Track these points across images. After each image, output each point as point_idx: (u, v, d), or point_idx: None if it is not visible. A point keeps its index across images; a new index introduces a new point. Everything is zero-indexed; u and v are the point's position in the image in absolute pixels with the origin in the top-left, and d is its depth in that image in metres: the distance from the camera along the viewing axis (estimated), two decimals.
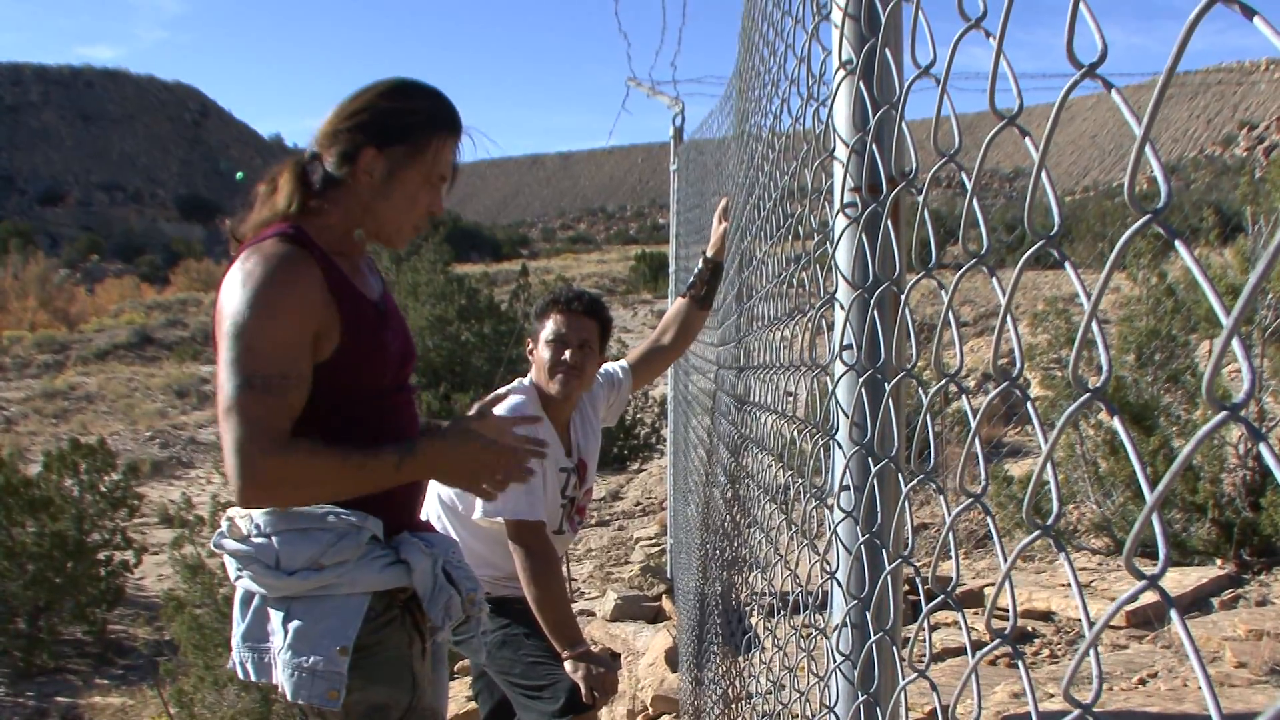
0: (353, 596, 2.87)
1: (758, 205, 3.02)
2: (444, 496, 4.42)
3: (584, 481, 4.65)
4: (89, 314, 52.41)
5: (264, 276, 2.74)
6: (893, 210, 1.53)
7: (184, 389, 34.37)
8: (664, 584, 9.49)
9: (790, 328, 2.29)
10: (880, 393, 1.55)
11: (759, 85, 3.08)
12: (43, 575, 14.14)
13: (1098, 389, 0.99)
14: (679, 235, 9.37)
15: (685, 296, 5.01)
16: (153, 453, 27.23)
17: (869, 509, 1.57)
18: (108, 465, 15.75)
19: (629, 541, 12.60)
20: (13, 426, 31.59)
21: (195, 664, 10.31)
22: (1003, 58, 1.15)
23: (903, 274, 1.51)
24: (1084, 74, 0.98)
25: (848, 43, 1.62)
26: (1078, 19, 0.96)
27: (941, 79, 1.29)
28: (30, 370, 39.54)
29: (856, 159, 1.61)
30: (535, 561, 4.16)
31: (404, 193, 2.96)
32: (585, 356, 4.48)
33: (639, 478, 17.65)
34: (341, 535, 2.85)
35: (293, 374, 2.73)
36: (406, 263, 23.93)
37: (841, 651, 1.65)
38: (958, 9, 1.22)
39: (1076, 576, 1.08)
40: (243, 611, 2.96)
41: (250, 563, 2.87)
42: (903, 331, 1.46)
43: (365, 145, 2.91)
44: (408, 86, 3.01)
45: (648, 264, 46.86)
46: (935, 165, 1.32)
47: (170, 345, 41.99)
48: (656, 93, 9.83)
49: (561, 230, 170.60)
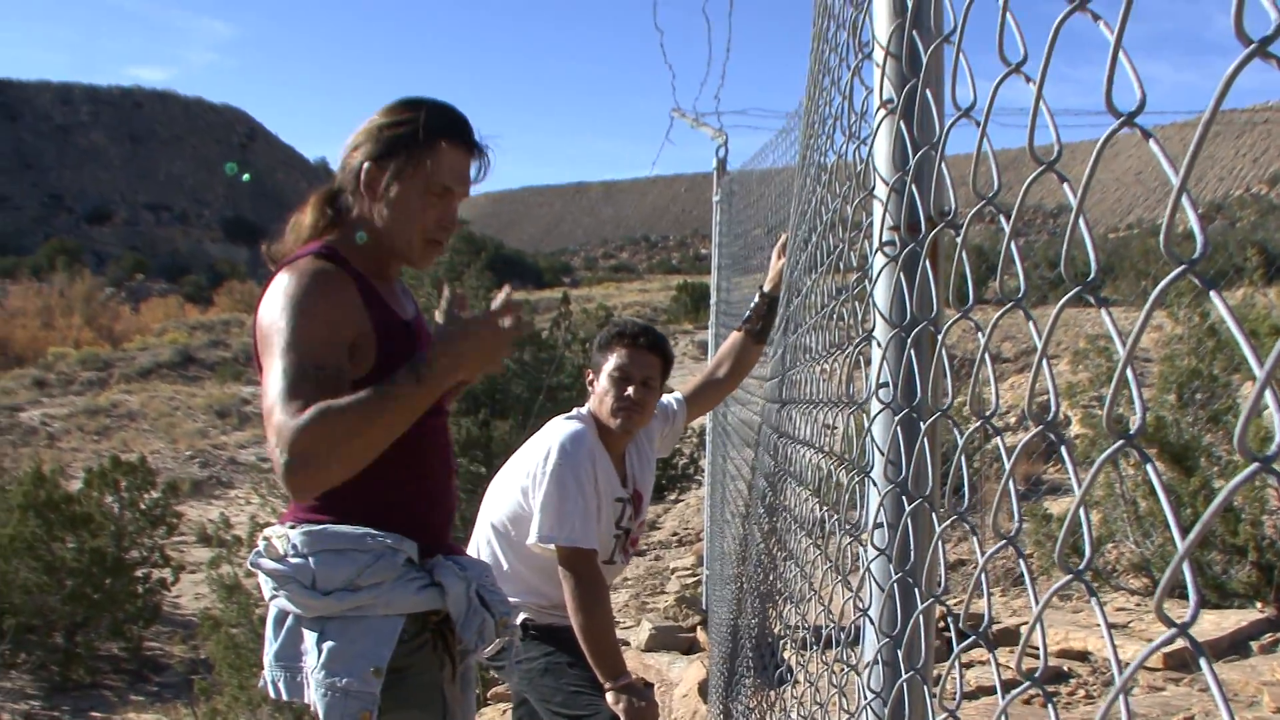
0: (387, 618, 2.89)
1: (805, 239, 3.03)
2: (496, 522, 4.41)
3: (639, 513, 4.63)
4: (133, 332, 52.80)
5: (301, 287, 2.78)
6: (931, 250, 1.53)
7: (225, 409, 34.54)
8: (699, 615, 9.47)
9: (830, 363, 2.29)
10: (916, 432, 1.55)
11: (819, 121, 3.09)
12: (81, 591, 14.22)
13: (1130, 435, 0.98)
14: (721, 266, 9.38)
15: (741, 330, 5.01)
16: (193, 472, 27.37)
17: (902, 547, 1.57)
18: (148, 483, 15.84)
19: (665, 571, 12.57)
20: (55, 442, 31.82)
21: (229, 683, 10.35)
22: (1042, 102, 1.16)
23: (940, 313, 1.52)
24: (1122, 123, 0.98)
25: (889, 82, 1.63)
26: (1117, 66, 0.97)
27: (982, 121, 1.29)
28: (74, 387, 39.82)
29: (896, 198, 1.61)
30: (584, 589, 4.13)
31: (404, 205, 2.98)
32: (647, 393, 4.46)
33: (676, 508, 17.60)
34: (378, 557, 2.87)
35: (329, 366, 2.73)
36: (448, 287, 23.99)
37: (873, 689, 1.64)
38: (999, 53, 1.22)
39: (1107, 620, 1.07)
40: (276, 630, 2.97)
41: (287, 582, 2.89)
42: (939, 371, 1.46)
43: (364, 162, 2.96)
44: (408, 103, 3.04)
45: (689, 294, 46.84)
46: (975, 207, 1.32)
47: (212, 365, 42.21)
48: (700, 124, 9.84)
49: (604, 259, 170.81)
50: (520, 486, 4.31)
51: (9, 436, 32.34)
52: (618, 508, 4.48)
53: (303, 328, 2.73)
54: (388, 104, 3.05)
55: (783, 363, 3.79)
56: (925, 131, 1.54)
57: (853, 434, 1.92)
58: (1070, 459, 1.17)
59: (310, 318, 2.75)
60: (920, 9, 1.57)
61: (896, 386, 1.59)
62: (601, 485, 4.34)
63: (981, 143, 1.29)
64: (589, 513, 4.19)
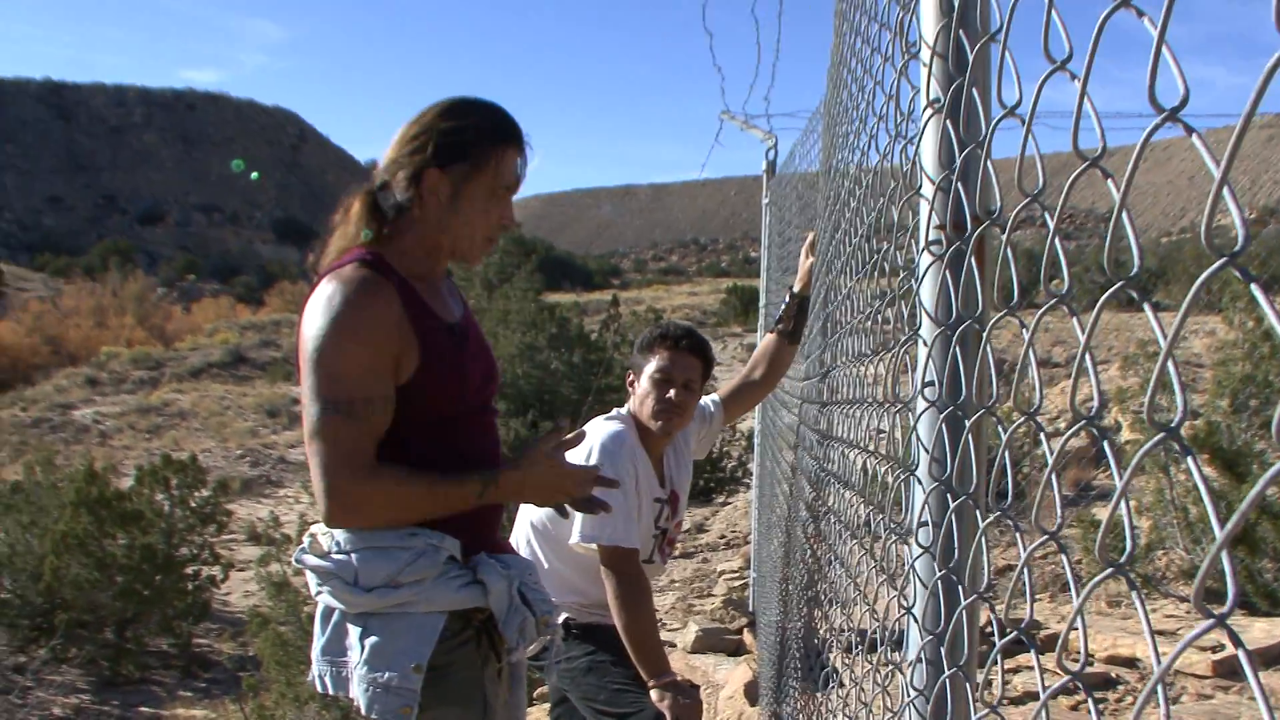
0: (429, 615, 2.91)
1: (844, 240, 3.03)
2: (536, 521, 4.43)
3: (676, 513, 4.65)
4: (184, 332, 53.17)
5: (342, 302, 2.81)
6: (977, 248, 1.53)
7: (275, 409, 34.71)
8: (746, 617, 9.46)
9: (875, 364, 2.30)
10: (960, 429, 1.56)
11: (845, 121, 3.09)
12: (131, 587, 14.28)
13: (1172, 428, 0.99)
14: (769, 269, 9.36)
15: (774, 332, 5.01)
16: (243, 470, 27.50)
17: (946, 545, 1.57)
18: (198, 481, 15.92)
19: (712, 574, 12.56)
20: (107, 440, 32.09)
21: (277, 680, 10.39)
22: (1087, 99, 1.16)
23: (986, 312, 1.52)
24: (1164, 118, 0.98)
25: (935, 81, 1.63)
26: (1160, 62, 0.97)
27: (1027, 119, 1.29)
28: (126, 386, 40.13)
29: (942, 197, 1.61)
30: (627, 588, 4.16)
31: (472, 208, 3.01)
32: (688, 396, 4.48)
33: (724, 510, 17.57)
34: (420, 554, 2.89)
35: (376, 397, 2.80)
36: (498, 290, 24.04)
37: (915, 687, 1.65)
38: (1043, 51, 1.22)
39: (1148, 617, 1.08)
40: (323, 626, 3.01)
41: (330, 579, 2.92)
42: (984, 369, 1.47)
43: (427, 167, 2.97)
44: (462, 104, 3.06)
45: (739, 297, 46.74)
46: (1019, 205, 1.32)
47: (263, 365, 42.43)
48: (749, 126, 9.83)
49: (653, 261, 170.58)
50: None
51: (62, 434, 32.63)
52: (656, 508, 4.49)
53: (348, 354, 2.78)
54: (438, 106, 3.05)
55: (821, 364, 3.79)
56: (971, 130, 1.55)
57: (898, 434, 1.93)
58: (1112, 453, 1.18)
59: (354, 339, 2.79)
60: (966, 8, 1.57)
61: (941, 385, 1.59)
62: (642, 485, 4.36)
63: (1026, 141, 1.29)
64: (630, 512, 4.22)
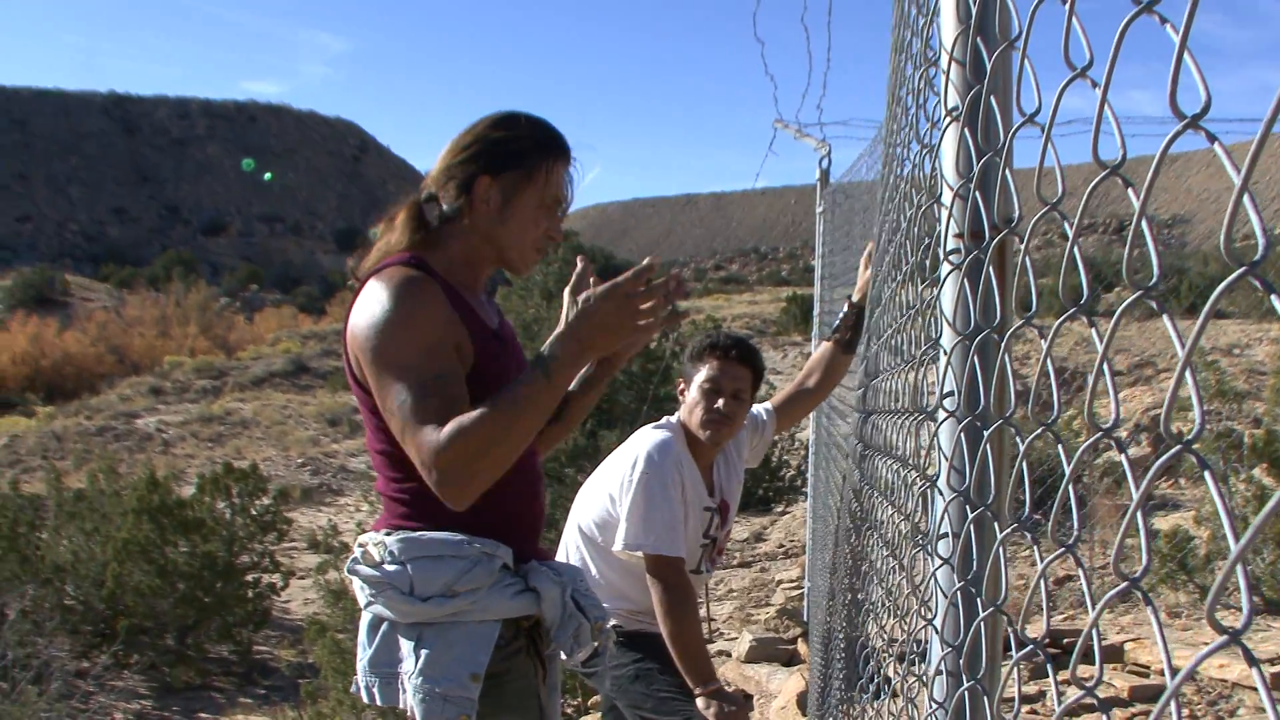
0: (484, 624, 2.91)
1: (885, 250, 3.03)
2: (584, 527, 4.45)
3: (725, 522, 4.65)
4: (247, 342, 53.58)
5: (393, 295, 2.81)
6: (996, 257, 1.52)
7: (336, 417, 34.90)
8: (800, 627, 9.44)
9: (905, 373, 2.29)
10: (979, 439, 1.55)
11: (896, 131, 3.09)
12: (192, 594, 14.41)
13: (1188, 440, 0.98)
14: (824, 278, 9.34)
15: (830, 340, 5.00)
16: (303, 479, 27.68)
17: (965, 556, 1.56)
18: (259, 490, 16.04)
19: (770, 583, 12.55)
20: (170, 449, 32.39)
21: (335, 687, 10.46)
22: (1108, 107, 1.15)
23: (1005, 321, 1.51)
24: (1185, 125, 0.97)
25: (954, 88, 1.63)
26: (1182, 69, 0.96)
27: (1046, 127, 1.28)
28: (189, 395, 40.49)
29: (960, 205, 1.61)
30: (673, 596, 4.15)
31: (521, 217, 3.03)
32: (738, 406, 4.48)
33: (783, 520, 17.54)
34: (474, 563, 2.89)
35: (448, 372, 2.79)
36: (557, 299, 24.06)
37: (936, 699, 1.64)
38: (1063, 57, 1.21)
39: (1160, 625, 1.06)
40: (370, 637, 3.00)
41: (384, 589, 2.92)
42: (1003, 379, 1.46)
43: (479, 175, 2.99)
44: (513, 116, 3.09)
45: (799, 306, 46.52)
46: (1038, 214, 1.31)
47: (324, 375, 42.64)
48: (803, 135, 9.82)
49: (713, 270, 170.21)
50: (608, 493, 4.35)
51: (126, 443, 32.97)
52: (705, 517, 4.49)
53: (408, 339, 2.78)
54: (490, 118, 3.09)
55: (866, 374, 3.79)
56: (990, 138, 1.54)
57: (922, 444, 1.92)
58: (1128, 463, 1.16)
59: (410, 327, 2.79)
60: (985, 14, 1.56)
61: (960, 395, 1.58)
62: (689, 494, 4.36)
63: (1046, 149, 1.28)
64: (675, 521, 4.22)
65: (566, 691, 8.95)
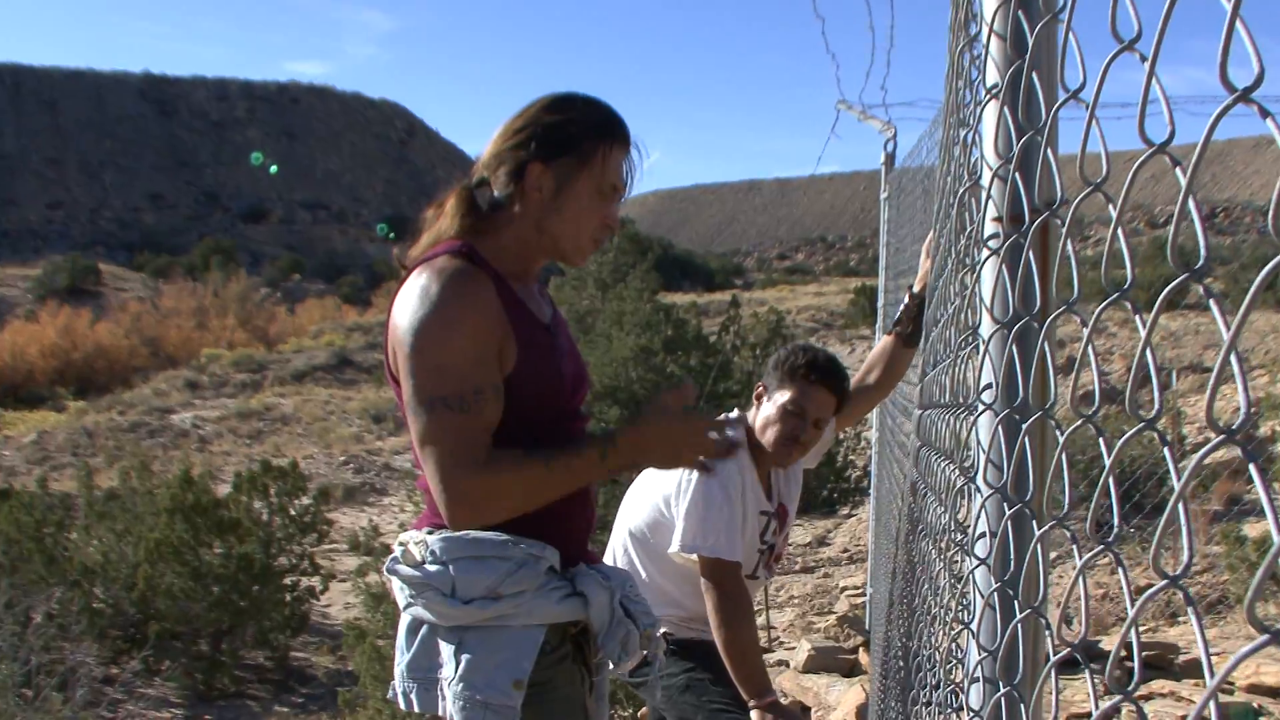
0: (529, 629, 2.89)
1: (939, 238, 3.01)
2: (635, 529, 4.43)
3: (783, 527, 4.62)
4: (288, 334, 53.96)
5: (440, 291, 2.80)
6: (1038, 241, 1.51)
7: (380, 414, 35.06)
8: (861, 636, 9.40)
9: (952, 366, 2.28)
10: (1017, 433, 1.53)
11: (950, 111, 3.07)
12: (227, 598, 14.50)
13: (1232, 431, 0.98)
14: (888, 269, 9.29)
15: (892, 334, 4.96)
16: (346, 478, 27.84)
17: (1003, 556, 1.55)
18: (299, 488, 16.11)
19: (833, 590, 12.50)
20: (206, 446, 32.66)
21: (374, 695, 10.51)
22: (1155, 81, 1.15)
23: (1046, 308, 1.50)
24: (1236, 99, 0.97)
25: (994, 64, 1.62)
26: (1233, 38, 0.96)
27: (1091, 104, 1.28)
28: (227, 389, 40.83)
29: (1000, 187, 1.59)
30: (728, 603, 4.13)
31: (576, 205, 3.00)
32: (815, 434, 4.48)
33: (848, 523, 17.47)
34: (520, 564, 2.87)
35: (486, 387, 2.79)
36: (612, 290, 24.04)
37: (972, 707, 1.64)
38: (1110, 30, 1.21)
39: (1202, 628, 1.06)
40: (409, 641, 2.98)
41: (424, 590, 2.90)
42: (1042, 369, 1.45)
43: (532, 161, 2.96)
44: (568, 98, 3.06)
45: (867, 298, 46.25)
46: (1081, 195, 1.31)
47: (369, 369, 42.81)
48: (867, 116, 9.76)
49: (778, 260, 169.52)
50: (663, 494, 4.33)
51: (160, 439, 33.29)
52: (762, 521, 4.47)
53: (452, 344, 2.78)
54: (544, 100, 3.05)
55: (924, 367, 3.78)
56: (1032, 116, 1.52)
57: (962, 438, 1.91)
58: (1170, 456, 1.16)
59: (456, 330, 2.79)
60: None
61: (998, 386, 1.58)
62: (748, 497, 4.34)
63: (1090, 127, 1.28)
64: (734, 524, 4.20)
65: (615, 702, 8.94)
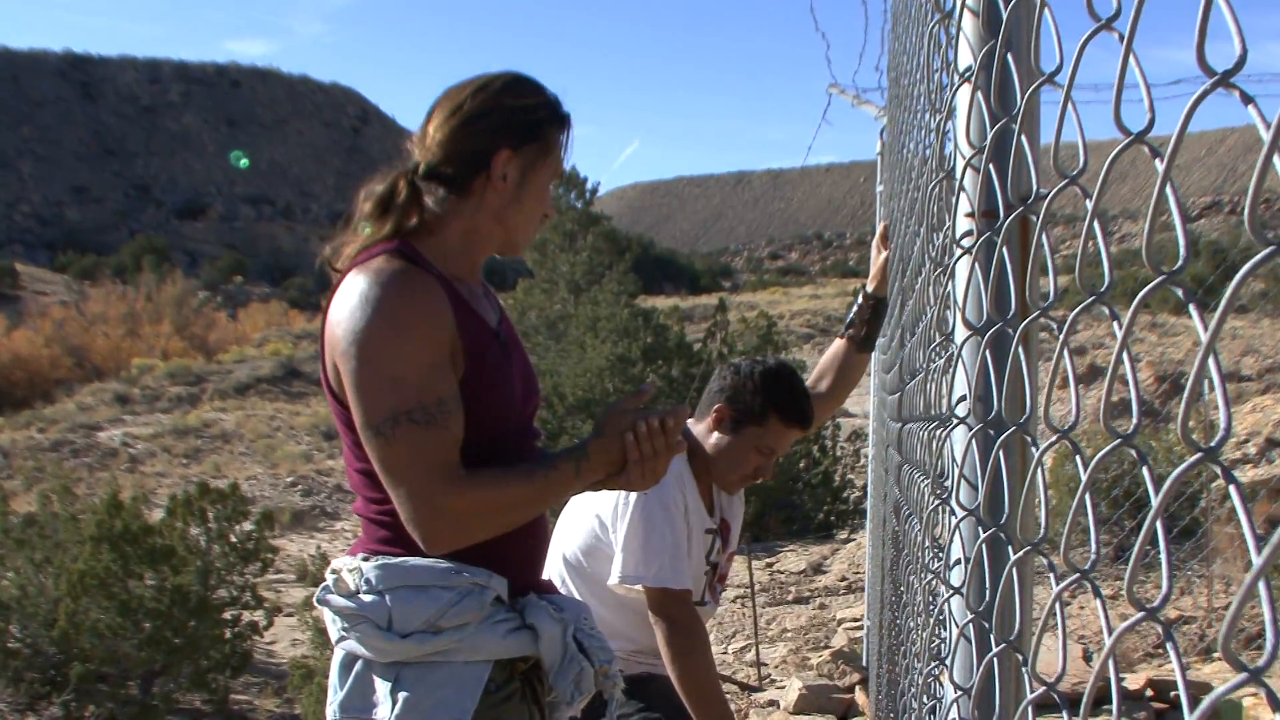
0: (471, 665, 2.88)
1: (915, 233, 3.01)
2: (569, 556, 4.40)
3: (727, 545, 4.62)
4: (229, 342, 53.78)
5: (386, 295, 2.79)
6: (1015, 238, 1.51)
7: (331, 430, 34.87)
8: (859, 672, 9.37)
9: (928, 374, 2.29)
10: (990, 449, 1.53)
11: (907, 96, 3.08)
12: (160, 635, 14.35)
13: (1210, 449, 0.99)
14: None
15: (843, 338, 4.93)
16: (293, 500, 27.75)
17: (978, 584, 1.55)
18: (240, 513, 15.98)
19: (830, 623, 12.45)
20: (138, 466, 32.49)
21: None
22: (1133, 58, 1.16)
23: (1022, 312, 1.49)
24: (1215, 83, 0.98)
25: (966, 44, 1.61)
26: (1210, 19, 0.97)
27: (1066, 87, 1.28)
28: (161, 404, 40.67)
29: (972, 180, 1.59)
30: (680, 636, 4.11)
31: (535, 194, 3.03)
32: (774, 466, 4.53)
33: (846, 549, 17.36)
34: (463, 594, 2.85)
35: (447, 396, 2.78)
36: (586, 294, 23.99)
37: None
38: (1087, 8, 1.22)
39: (1182, 664, 1.07)
40: (342, 677, 2.95)
41: (358, 622, 2.88)
42: (1017, 379, 1.45)
43: (500, 148, 2.96)
44: (529, 80, 3.08)
45: None
46: (1056, 188, 1.31)
47: (318, 381, 42.37)
48: (861, 101, 9.72)
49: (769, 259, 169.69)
50: (596, 515, 4.32)
51: (86, 459, 33.10)
52: (707, 540, 4.46)
53: (408, 353, 2.77)
54: (501, 81, 3.03)
55: (899, 378, 3.78)
56: (1006, 102, 1.53)
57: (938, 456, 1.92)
58: (1148, 475, 1.17)
59: (408, 337, 2.78)
60: None
61: (971, 398, 1.58)
62: (692, 516, 4.33)
63: (1064, 111, 1.28)
64: (680, 547, 4.20)
65: None
